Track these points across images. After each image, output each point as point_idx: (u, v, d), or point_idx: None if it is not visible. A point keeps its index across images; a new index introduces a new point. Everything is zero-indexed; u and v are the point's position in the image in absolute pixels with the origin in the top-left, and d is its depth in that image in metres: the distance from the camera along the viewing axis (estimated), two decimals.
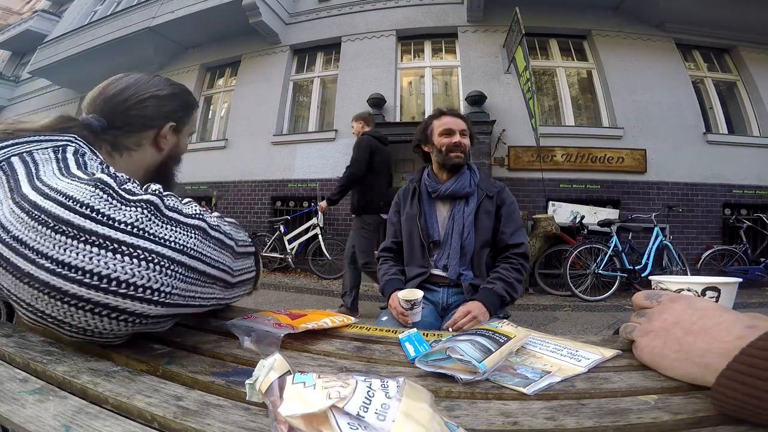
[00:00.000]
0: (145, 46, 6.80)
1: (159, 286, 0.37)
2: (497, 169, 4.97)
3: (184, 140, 0.74)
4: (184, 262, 0.40)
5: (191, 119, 0.75)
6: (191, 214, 0.44)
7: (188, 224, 0.42)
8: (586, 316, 3.53)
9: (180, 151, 0.74)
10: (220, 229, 0.47)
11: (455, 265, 1.20)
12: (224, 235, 0.48)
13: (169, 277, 0.38)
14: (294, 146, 5.80)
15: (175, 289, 0.39)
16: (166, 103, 0.67)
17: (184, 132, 0.74)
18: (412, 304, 1.03)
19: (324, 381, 0.27)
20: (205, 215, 0.46)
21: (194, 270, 0.41)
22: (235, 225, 0.56)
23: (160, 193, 0.42)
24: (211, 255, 0.44)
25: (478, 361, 0.39)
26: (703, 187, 4.87)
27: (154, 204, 0.40)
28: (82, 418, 0.31)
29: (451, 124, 1.27)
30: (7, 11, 13.21)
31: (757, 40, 5.30)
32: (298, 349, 0.51)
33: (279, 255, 5.14)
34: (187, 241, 0.41)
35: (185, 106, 0.72)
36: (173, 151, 0.72)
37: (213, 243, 0.45)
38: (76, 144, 0.53)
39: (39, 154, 0.47)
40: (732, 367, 0.28)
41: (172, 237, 0.39)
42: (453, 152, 1.24)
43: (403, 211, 1.33)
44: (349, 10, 6.16)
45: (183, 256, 0.40)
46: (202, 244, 0.43)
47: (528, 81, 4.43)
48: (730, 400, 0.28)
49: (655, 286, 0.54)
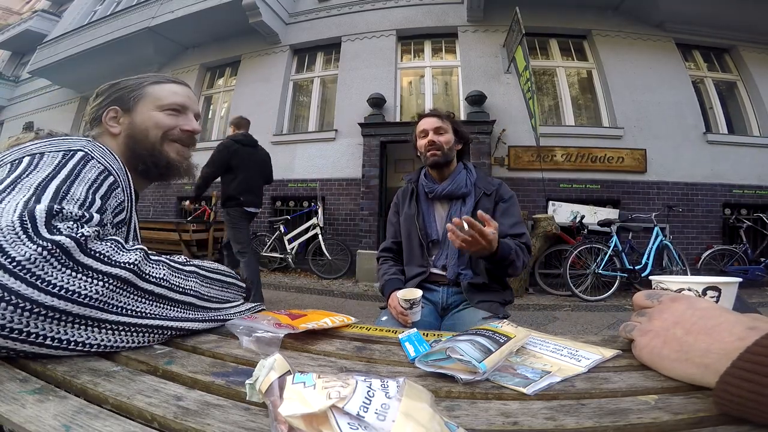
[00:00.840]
0: (145, 46, 6.80)
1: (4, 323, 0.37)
2: (497, 168, 4.97)
3: (141, 116, 0.75)
4: (60, 308, 0.39)
5: (138, 95, 0.75)
6: (122, 262, 0.44)
7: (105, 272, 0.42)
8: (586, 316, 3.53)
9: (138, 127, 0.74)
10: (161, 283, 0.49)
11: (454, 265, 1.20)
12: (169, 289, 0.50)
13: (21, 316, 0.37)
14: (294, 146, 5.80)
15: (22, 325, 0.38)
16: (100, 96, 0.77)
17: (139, 109, 0.75)
18: (411, 303, 1.03)
19: (324, 381, 0.27)
20: (140, 265, 0.46)
21: (77, 316, 0.41)
22: (212, 281, 0.59)
23: (87, 234, 0.42)
24: (129, 305, 0.45)
25: (478, 361, 0.39)
26: (703, 187, 4.87)
27: (62, 247, 0.40)
28: (82, 418, 0.31)
29: (425, 124, 1.28)
30: (7, 11, 13.21)
31: (757, 40, 5.30)
32: (298, 349, 0.51)
33: (279, 255, 5.14)
34: (87, 288, 0.41)
35: (120, 89, 0.76)
36: (130, 130, 0.74)
37: (141, 294, 0.46)
38: (86, 150, 0.58)
39: (47, 157, 0.54)
40: (736, 365, 0.28)
41: (60, 282, 0.39)
42: (429, 152, 1.26)
43: (402, 212, 1.34)
44: (348, 10, 6.16)
45: (67, 304, 0.39)
46: (119, 294, 0.44)
47: (528, 81, 4.43)
48: (734, 398, 0.27)
49: (655, 286, 0.54)
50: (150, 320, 0.47)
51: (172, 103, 0.77)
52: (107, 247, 0.44)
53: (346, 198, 5.36)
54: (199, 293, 0.56)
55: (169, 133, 0.77)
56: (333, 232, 5.30)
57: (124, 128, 0.74)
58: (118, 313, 0.44)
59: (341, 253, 5.01)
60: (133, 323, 0.45)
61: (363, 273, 4.83)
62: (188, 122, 0.79)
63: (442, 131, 1.27)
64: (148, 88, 0.76)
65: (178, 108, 0.78)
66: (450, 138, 1.27)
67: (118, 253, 0.45)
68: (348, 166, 5.40)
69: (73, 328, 0.41)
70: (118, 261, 0.44)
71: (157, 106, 0.76)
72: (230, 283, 0.64)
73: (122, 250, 0.46)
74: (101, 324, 0.42)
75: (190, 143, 0.81)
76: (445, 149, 1.25)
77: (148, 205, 6.49)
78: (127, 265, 0.45)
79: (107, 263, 0.43)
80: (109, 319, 0.43)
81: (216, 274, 0.61)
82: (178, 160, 0.79)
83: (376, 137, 5.15)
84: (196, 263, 0.59)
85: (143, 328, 0.46)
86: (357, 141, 5.35)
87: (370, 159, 5.13)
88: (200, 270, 0.58)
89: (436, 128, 1.26)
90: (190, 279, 0.55)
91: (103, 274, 0.42)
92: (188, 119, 0.79)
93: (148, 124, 0.75)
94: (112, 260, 0.44)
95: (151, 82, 0.78)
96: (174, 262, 0.54)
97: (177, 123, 0.77)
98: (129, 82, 0.77)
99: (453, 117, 1.33)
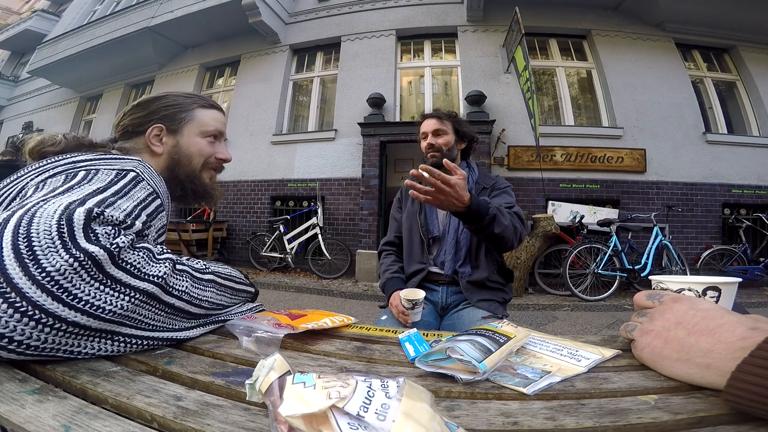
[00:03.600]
0: (145, 46, 6.79)
1: (15, 336, 0.36)
2: (497, 168, 4.98)
3: (187, 140, 0.74)
4: (81, 323, 0.39)
5: (187, 117, 0.74)
6: (151, 275, 0.44)
7: (134, 287, 0.42)
8: (585, 316, 3.53)
9: (184, 152, 0.74)
10: (182, 297, 0.49)
11: (450, 260, 1.21)
12: (188, 302, 0.50)
13: (41, 332, 0.37)
14: (294, 146, 5.80)
15: (39, 341, 0.37)
16: (146, 108, 0.74)
17: (185, 132, 0.74)
18: (413, 303, 1.03)
19: (324, 381, 0.27)
20: (167, 278, 0.46)
21: (96, 330, 0.40)
22: (223, 288, 0.58)
23: (122, 245, 0.42)
24: (147, 317, 0.45)
25: (478, 361, 0.39)
26: (702, 187, 4.88)
27: (96, 260, 0.39)
28: (81, 418, 0.31)
29: (425, 126, 1.31)
30: (7, 11, 13.19)
31: (757, 40, 5.31)
32: (298, 349, 0.51)
33: (279, 255, 5.14)
34: (112, 303, 0.40)
35: (169, 106, 0.74)
36: (175, 153, 0.73)
37: (162, 307, 0.47)
38: (138, 170, 0.58)
39: (102, 174, 0.54)
40: (748, 362, 0.28)
41: (87, 296, 0.38)
42: (429, 153, 1.29)
43: (404, 208, 1.37)
44: (348, 10, 6.16)
45: (89, 320, 0.39)
46: (141, 308, 0.44)
47: (528, 81, 4.42)
48: (746, 395, 0.27)
49: (655, 286, 0.54)
50: (161, 333, 0.47)
51: (215, 130, 0.77)
52: (139, 257, 0.44)
53: (346, 198, 5.37)
54: (212, 303, 0.55)
55: (207, 161, 0.77)
56: (333, 231, 5.30)
57: (167, 149, 0.73)
58: (133, 326, 0.44)
59: (341, 253, 5.01)
60: (145, 336, 0.45)
61: (363, 273, 4.84)
62: (222, 150, 0.79)
63: (441, 133, 1.28)
64: (197, 112, 0.76)
65: (217, 135, 0.78)
66: (449, 139, 1.28)
67: (149, 264, 0.44)
68: (347, 166, 5.40)
69: (87, 341, 0.41)
70: (147, 273, 0.44)
71: (201, 132, 0.75)
72: (240, 290, 0.63)
73: (152, 260, 0.45)
74: (114, 336, 0.42)
75: (221, 170, 0.82)
76: (444, 151, 1.27)
77: None
78: (156, 279, 0.44)
79: (137, 276, 0.42)
80: (123, 332, 0.43)
81: (229, 281, 0.60)
82: (212, 186, 0.79)
83: (375, 137, 5.15)
84: (213, 269, 0.58)
85: (153, 340, 0.46)
86: (357, 141, 5.35)
87: (370, 159, 5.13)
88: (218, 278, 0.57)
89: (435, 130, 1.28)
90: (207, 289, 0.54)
91: (131, 288, 0.42)
92: (222, 147, 0.80)
93: (193, 150, 0.74)
94: (142, 272, 0.43)
95: (200, 106, 0.77)
96: (195, 270, 0.53)
97: (214, 151, 0.78)
98: (179, 100, 0.76)
99: (455, 116, 1.33)
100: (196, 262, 0.56)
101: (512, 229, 1.06)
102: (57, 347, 0.38)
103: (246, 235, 5.64)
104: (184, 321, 0.51)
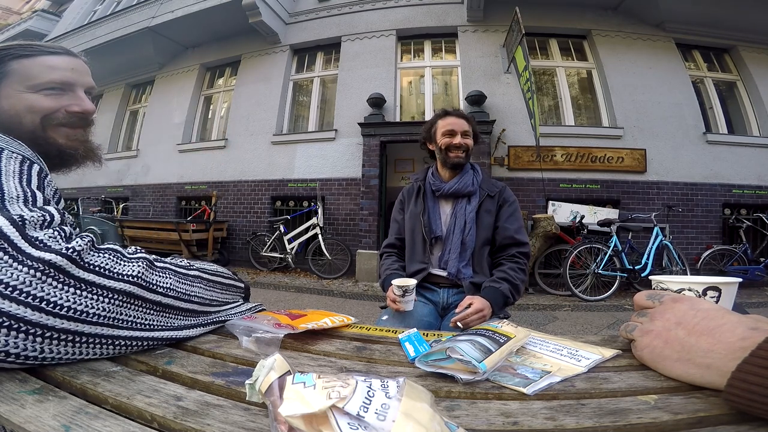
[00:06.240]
0: (145, 46, 6.79)
1: (9, 349, 0.35)
2: (497, 168, 4.97)
3: (7, 98, 0.61)
4: (72, 329, 0.38)
5: None
6: (124, 274, 0.43)
7: (109, 287, 0.41)
8: (585, 316, 3.53)
9: (6, 112, 0.61)
10: (168, 293, 0.48)
11: (455, 260, 1.21)
12: (176, 299, 0.49)
13: (33, 343, 0.36)
14: (294, 146, 5.80)
15: (36, 352, 0.37)
16: None
17: (5, 92, 0.61)
18: (404, 291, 1.03)
19: (324, 381, 0.27)
20: (144, 276, 0.45)
21: (90, 335, 0.40)
22: (212, 283, 0.58)
23: (79, 248, 0.40)
24: (138, 318, 0.44)
25: (478, 361, 0.39)
26: (702, 187, 4.88)
27: (57, 266, 0.37)
28: (81, 418, 0.31)
29: (454, 125, 1.29)
30: (7, 11, 13.20)
31: (757, 40, 5.30)
32: (298, 349, 0.51)
33: (279, 255, 5.14)
34: (93, 306, 0.39)
35: None
36: None
37: (149, 305, 0.46)
38: (37, 162, 0.52)
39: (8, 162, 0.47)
40: (748, 362, 0.28)
41: (66, 302, 0.38)
42: (453, 152, 1.28)
43: (407, 209, 1.37)
44: (348, 10, 6.16)
45: (78, 324, 0.38)
46: (126, 308, 0.43)
47: (528, 81, 4.42)
48: (747, 395, 0.27)
49: (655, 286, 0.54)
50: (159, 332, 0.47)
51: (49, 81, 0.62)
52: (106, 259, 0.43)
53: (346, 198, 5.37)
54: (203, 298, 0.55)
55: (51, 117, 0.63)
56: (333, 231, 5.30)
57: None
58: (128, 327, 0.43)
59: (341, 253, 5.01)
60: (144, 337, 0.45)
61: (363, 273, 4.84)
62: (76, 101, 0.65)
63: (468, 135, 1.30)
64: (13, 64, 0.61)
65: (62, 85, 0.64)
66: (472, 142, 1.31)
67: (119, 264, 0.44)
68: (348, 166, 5.41)
69: (88, 347, 0.40)
70: (119, 273, 0.43)
71: (29, 86, 0.61)
72: (230, 285, 0.63)
73: (123, 260, 0.45)
74: (115, 340, 0.42)
75: (81, 125, 0.67)
76: (469, 153, 1.29)
77: (148, 205, 6.49)
78: (131, 278, 0.44)
79: (109, 277, 0.42)
80: (121, 335, 0.43)
81: (217, 276, 0.60)
82: (70, 146, 0.65)
83: (375, 137, 5.15)
84: (198, 266, 0.58)
85: (153, 340, 0.46)
86: (357, 141, 5.35)
87: (370, 159, 5.13)
88: (203, 273, 0.57)
89: (464, 131, 1.29)
90: (195, 284, 0.54)
91: (106, 290, 0.41)
92: (76, 97, 0.65)
93: (19, 108, 0.60)
94: (113, 272, 0.42)
95: (18, 56, 0.61)
96: (178, 266, 0.53)
97: (60, 104, 0.63)
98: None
99: (474, 119, 1.36)
100: (179, 260, 0.56)
101: (521, 284, 1.18)
102: (59, 357, 0.39)
103: (246, 235, 5.64)
104: (180, 318, 0.51)
